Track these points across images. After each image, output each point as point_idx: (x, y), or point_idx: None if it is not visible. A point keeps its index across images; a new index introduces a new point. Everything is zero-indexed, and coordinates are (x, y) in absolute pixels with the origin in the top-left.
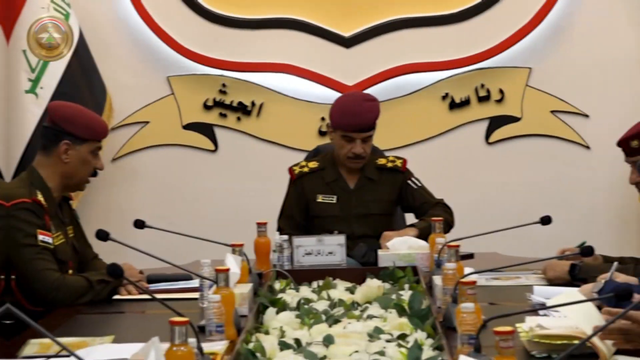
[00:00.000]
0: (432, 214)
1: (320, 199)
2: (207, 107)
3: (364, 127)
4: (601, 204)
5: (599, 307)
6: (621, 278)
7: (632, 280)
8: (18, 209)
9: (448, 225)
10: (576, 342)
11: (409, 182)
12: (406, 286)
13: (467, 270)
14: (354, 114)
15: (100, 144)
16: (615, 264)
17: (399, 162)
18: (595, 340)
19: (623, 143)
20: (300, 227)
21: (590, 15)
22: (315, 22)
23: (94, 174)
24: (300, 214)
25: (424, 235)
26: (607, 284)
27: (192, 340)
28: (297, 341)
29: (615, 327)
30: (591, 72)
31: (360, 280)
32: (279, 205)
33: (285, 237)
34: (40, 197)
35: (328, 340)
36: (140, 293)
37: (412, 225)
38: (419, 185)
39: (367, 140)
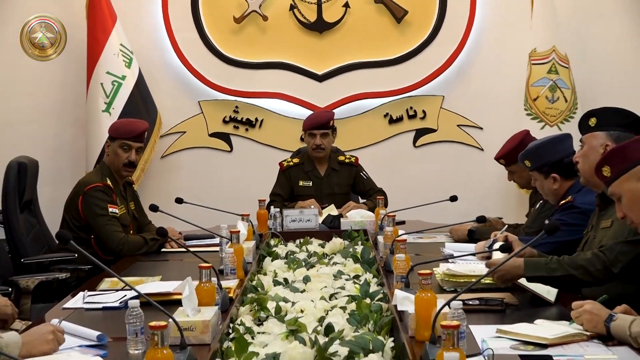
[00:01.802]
0: (375, 197)
1: (301, 183)
2: (225, 122)
3: (320, 125)
4: (491, 187)
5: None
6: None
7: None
8: (94, 191)
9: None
10: (473, 280)
11: (361, 174)
12: (359, 242)
13: (400, 232)
14: (314, 118)
15: (129, 142)
16: (506, 226)
17: (353, 159)
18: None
19: (497, 160)
20: (283, 202)
21: (484, 60)
22: (298, 64)
23: (128, 165)
24: (285, 193)
25: (370, 210)
26: (494, 240)
27: (214, 279)
28: (286, 280)
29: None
30: (484, 98)
31: (329, 239)
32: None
33: (278, 209)
34: (109, 182)
35: (306, 279)
36: (179, 247)
37: (364, 203)
38: (367, 176)
39: (325, 136)
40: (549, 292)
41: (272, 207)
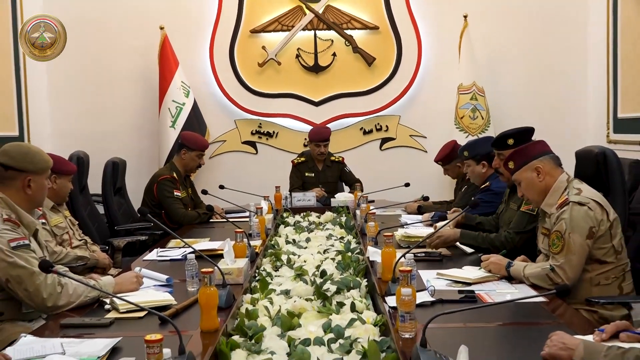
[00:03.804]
0: (355, 186)
1: (306, 174)
2: (252, 134)
3: (323, 139)
4: (432, 177)
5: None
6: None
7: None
8: (165, 181)
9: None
10: (420, 240)
11: (345, 168)
12: (344, 215)
13: (371, 207)
14: (319, 134)
15: (203, 152)
16: (440, 206)
17: (340, 158)
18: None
19: (436, 161)
20: (297, 188)
21: (427, 91)
22: (302, 94)
23: (199, 166)
24: (297, 182)
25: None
26: (435, 213)
27: (245, 240)
28: (294, 240)
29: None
30: (428, 117)
31: (323, 212)
32: (286, 179)
33: (288, 192)
34: (175, 175)
35: (307, 240)
36: (222, 218)
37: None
38: (349, 170)
39: (326, 146)
40: (466, 248)
41: (286, 190)
